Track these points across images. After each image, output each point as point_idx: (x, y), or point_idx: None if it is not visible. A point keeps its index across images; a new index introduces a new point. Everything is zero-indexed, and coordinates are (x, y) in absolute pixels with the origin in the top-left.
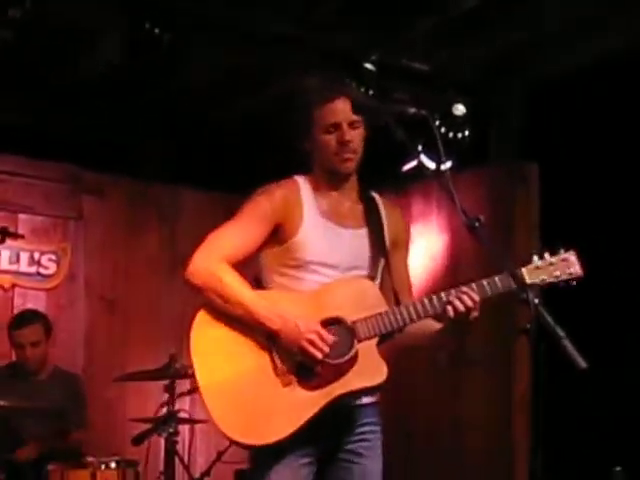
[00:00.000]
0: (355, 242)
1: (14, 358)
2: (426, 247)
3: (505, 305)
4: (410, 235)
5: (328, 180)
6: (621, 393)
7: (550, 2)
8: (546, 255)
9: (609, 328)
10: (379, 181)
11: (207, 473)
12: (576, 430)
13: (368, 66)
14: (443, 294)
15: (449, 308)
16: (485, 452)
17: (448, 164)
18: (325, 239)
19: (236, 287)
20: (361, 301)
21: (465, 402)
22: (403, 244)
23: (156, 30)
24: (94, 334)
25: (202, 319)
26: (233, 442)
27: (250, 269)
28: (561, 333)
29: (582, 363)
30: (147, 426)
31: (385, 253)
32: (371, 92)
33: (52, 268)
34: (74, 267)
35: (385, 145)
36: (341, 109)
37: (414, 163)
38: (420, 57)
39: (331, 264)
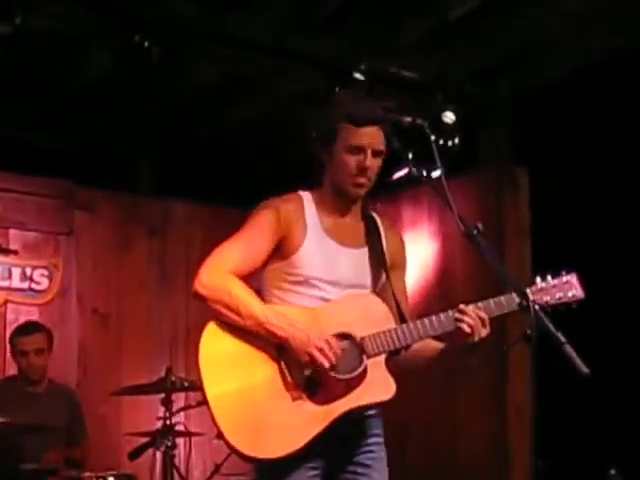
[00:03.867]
0: (356, 260)
1: (12, 372)
2: (417, 254)
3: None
4: (406, 259)
5: (335, 198)
6: (615, 396)
7: (535, 11)
8: (548, 277)
9: (601, 331)
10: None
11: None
12: (572, 433)
13: (357, 75)
14: (451, 312)
15: (463, 325)
16: (481, 457)
17: (439, 172)
18: (327, 256)
19: (245, 298)
20: (369, 317)
21: (461, 408)
22: (401, 267)
23: (145, 43)
24: (87, 349)
25: (211, 331)
26: (241, 456)
27: (251, 284)
28: (562, 339)
29: (584, 369)
30: (142, 441)
31: (386, 271)
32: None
33: (44, 283)
34: (66, 282)
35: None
36: (370, 135)
37: (405, 171)
38: (409, 65)
39: (332, 281)
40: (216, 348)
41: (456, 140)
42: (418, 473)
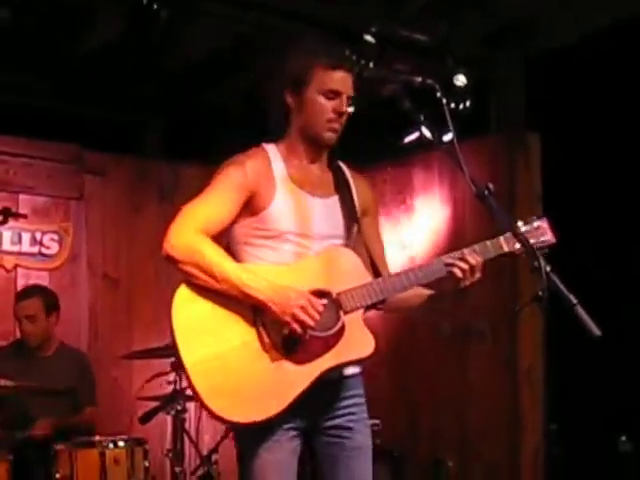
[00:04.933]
0: (328, 211)
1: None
2: (428, 219)
3: (508, 274)
4: (377, 206)
5: (303, 147)
6: (626, 360)
7: None
8: (519, 224)
9: (611, 297)
10: (380, 153)
11: (215, 450)
12: (583, 399)
13: (368, 38)
14: (436, 261)
15: (455, 270)
16: (492, 422)
17: (451, 135)
18: (299, 208)
19: (218, 260)
20: (344, 272)
21: (470, 373)
22: (373, 213)
23: (154, 5)
24: (98, 313)
25: (183, 295)
26: (224, 421)
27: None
28: (574, 300)
29: (596, 330)
30: (153, 404)
31: (357, 220)
32: (371, 64)
33: (54, 248)
34: (76, 247)
35: (385, 117)
36: (345, 80)
37: (416, 135)
38: (421, 28)
39: (305, 234)
40: (190, 313)
41: (467, 103)
42: (429, 439)
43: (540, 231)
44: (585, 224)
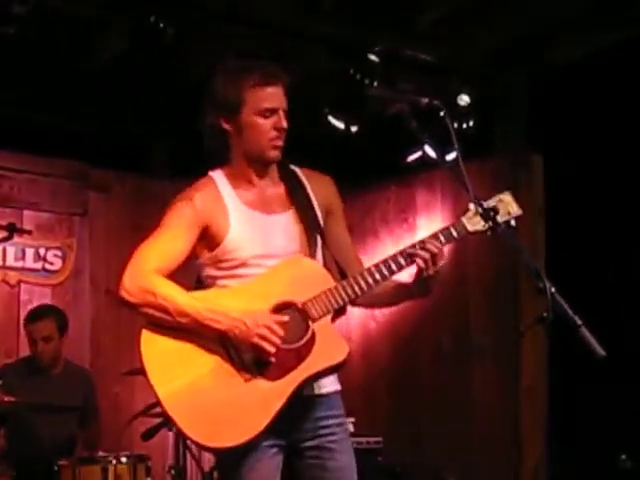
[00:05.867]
0: (286, 226)
1: (26, 352)
2: None
3: (510, 293)
4: (339, 199)
5: (249, 169)
6: (627, 382)
7: None
8: (483, 202)
9: (613, 315)
10: (383, 172)
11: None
12: (583, 417)
13: (372, 57)
14: (400, 254)
15: (418, 260)
16: (495, 439)
17: (453, 154)
18: (256, 231)
19: (172, 297)
20: (305, 280)
21: (472, 390)
22: (336, 210)
23: (160, 24)
24: (100, 329)
25: (147, 337)
26: (206, 449)
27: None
28: (579, 321)
29: (601, 351)
30: (154, 421)
31: (320, 229)
32: (375, 83)
33: (58, 264)
34: (79, 263)
35: (388, 136)
36: (278, 94)
37: (419, 154)
38: (424, 48)
39: (268, 254)
40: (156, 351)
41: (470, 123)
42: (432, 456)
43: (504, 204)
44: (587, 243)
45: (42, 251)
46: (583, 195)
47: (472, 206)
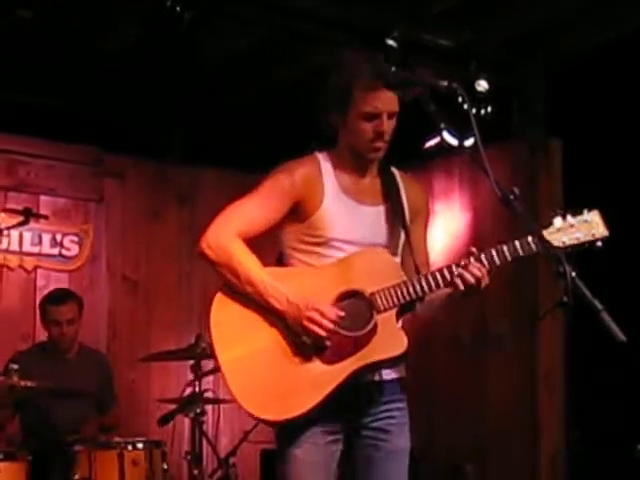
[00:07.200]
0: (375, 219)
1: (42, 337)
2: (448, 225)
3: (528, 279)
4: (429, 208)
5: (351, 159)
6: None
7: None
8: (568, 216)
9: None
10: (400, 158)
11: (233, 453)
12: (600, 407)
13: (390, 42)
14: (454, 266)
15: (458, 281)
16: (511, 427)
17: (473, 140)
18: (346, 216)
19: (247, 265)
20: (379, 272)
21: (489, 378)
22: (421, 220)
23: (177, 8)
24: (117, 315)
25: (219, 300)
26: (253, 417)
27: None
28: (599, 306)
29: (621, 336)
30: (170, 407)
31: (405, 229)
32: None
33: (74, 250)
34: (96, 249)
35: (406, 121)
36: (384, 98)
37: (437, 139)
38: (443, 33)
39: (351, 240)
40: (225, 315)
41: (489, 109)
42: (447, 444)
43: (590, 224)
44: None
45: (59, 237)
46: (603, 183)
47: (557, 220)
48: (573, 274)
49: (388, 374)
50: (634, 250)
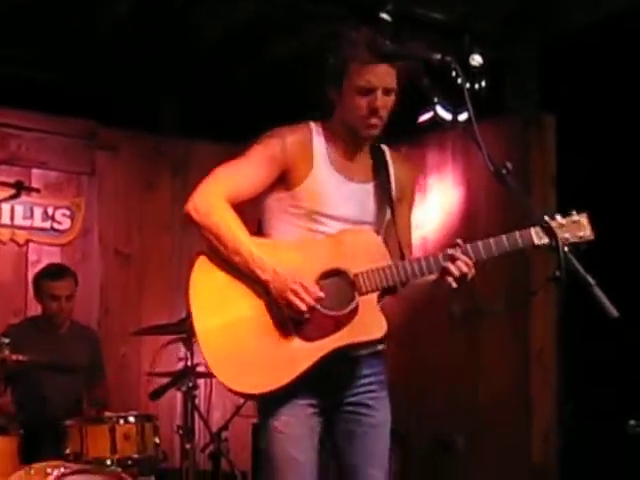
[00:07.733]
0: (362, 196)
1: (33, 312)
2: (441, 200)
3: (521, 255)
4: (415, 189)
5: (345, 135)
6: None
7: None
8: (557, 216)
9: (626, 281)
10: (393, 132)
11: (225, 427)
12: (593, 382)
13: (384, 16)
14: (441, 255)
15: (445, 276)
16: (503, 402)
17: (466, 114)
18: (333, 191)
19: (234, 232)
20: (366, 253)
21: (481, 353)
22: (407, 200)
23: None
24: (109, 289)
25: (201, 265)
26: (226, 389)
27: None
28: (591, 281)
29: (613, 311)
30: (162, 381)
31: (392, 207)
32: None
33: (66, 223)
34: (88, 222)
35: (399, 96)
36: (380, 73)
37: (431, 114)
38: (437, 7)
39: (336, 216)
40: (206, 282)
41: (483, 83)
42: (438, 419)
43: (578, 225)
44: (599, 207)
45: (50, 210)
46: (596, 159)
47: (546, 219)
48: (566, 249)
49: (368, 348)
50: (626, 227)
